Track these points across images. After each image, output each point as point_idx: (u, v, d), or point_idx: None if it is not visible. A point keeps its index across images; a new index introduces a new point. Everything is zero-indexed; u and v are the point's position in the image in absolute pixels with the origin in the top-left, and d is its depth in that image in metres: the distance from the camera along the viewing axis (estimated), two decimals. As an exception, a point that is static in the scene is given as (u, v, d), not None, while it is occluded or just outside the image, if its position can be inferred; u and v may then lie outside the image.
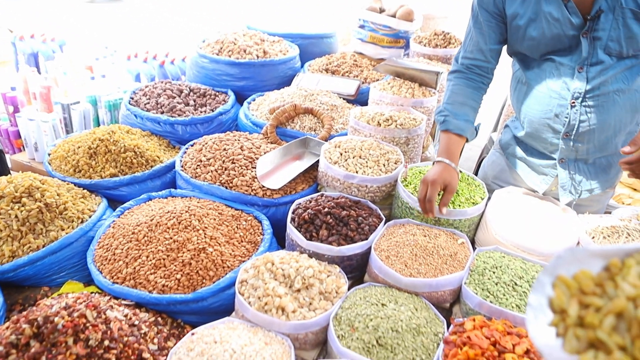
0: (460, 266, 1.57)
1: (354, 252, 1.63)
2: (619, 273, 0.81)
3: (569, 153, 1.88)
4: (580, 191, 1.94)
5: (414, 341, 1.34)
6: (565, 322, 0.77)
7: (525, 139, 2.01)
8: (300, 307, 1.47)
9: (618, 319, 0.74)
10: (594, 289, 0.80)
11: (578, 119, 1.77)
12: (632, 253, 0.85)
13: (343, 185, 1.92)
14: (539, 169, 2.00)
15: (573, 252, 0.84)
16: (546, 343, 0.76)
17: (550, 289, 0.82)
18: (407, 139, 2.17)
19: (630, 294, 0.74)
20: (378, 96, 2.50)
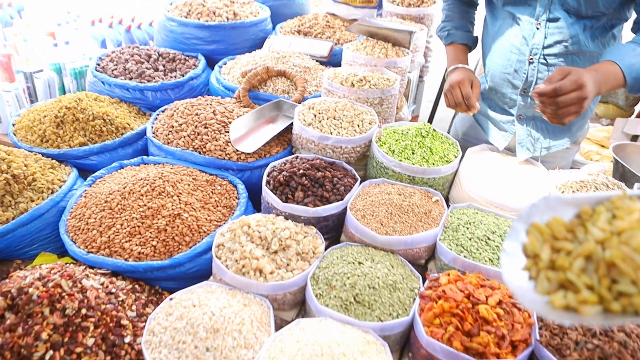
0: (435, 223, 1.59)
1: (330, 213, 1.64)
2: (590, 219, 0.84)
3: (526, 110, 1.90)
4: (538, 148, 1.97)
5: (391, 297, 1.37)
6: (538, 266, 0.80)
7: (488, 93, 2.04)
8: (277, 269, 1.48)
9: (587, 261, 0.77)
10: (566, 235, 0.83)
11: (536, 76, 1.79)
12: (602, 201, 0.88)
13: (318, 147, 1.91)
14: (500, 125, 2.02)
15: (547, 200, 0.87)
16: (519, 285, 0.80)
17: (524, 235, 0.85)
18: (381, 100, 2.15)
19: (599, 237, 0.77)
20: (351, 57, 2.47)
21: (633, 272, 0.71)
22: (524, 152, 1.98)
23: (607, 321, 0.70)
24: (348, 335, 1.25)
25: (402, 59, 2.43)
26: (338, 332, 1.26)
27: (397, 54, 2.47)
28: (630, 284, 0.71)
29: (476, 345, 1.21)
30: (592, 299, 0.72)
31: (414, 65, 2.96)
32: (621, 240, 0.75)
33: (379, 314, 1.33)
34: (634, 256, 0.72)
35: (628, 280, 0.71)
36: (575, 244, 0.80)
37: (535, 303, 0.77)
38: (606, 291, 0.73)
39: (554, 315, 0.74)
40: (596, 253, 0.76)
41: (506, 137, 2.02)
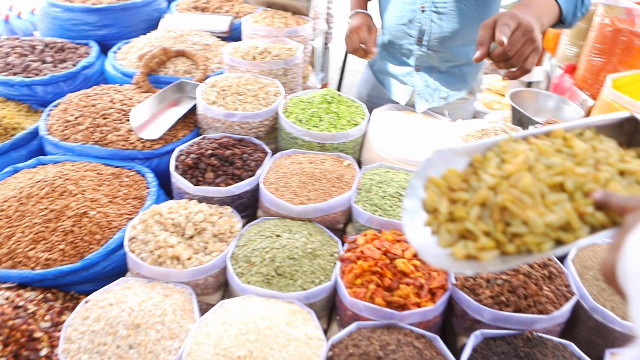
0: (348, 187, 1.61)
1: (243, 190, 1.62)
2: (481, 167, 0.87)
3: (423, 60, 1.95)
4: (436, 98, 2.03)
5: (312, 265, 1.38)
6: (438, 220, 0.82)
7: (387, 47, 2.07)
8: (195, 253, 1.45)
9: (482, 208, 0.80)
10: (461, 185, 0.85)
11: (429, 25, 1.83)
12: (491, 147, 0.91)
13: (225, 125, 1.86)
14: (400, 78, 2.07)
15: (440, 153, 0.88)
16: (422, 242, 0.81)
17: (422, 191, 0.86)
18: (285, 70, 2.13)
19: (490, 183, 0.80)
20: (251, 30, 2.41)
21: (523, 212, 0.74)
22: (423, 103, 2.03)
23: (505, 264, 0.73)
24: (273, 309, 1.25)
25: (303, 27, 2.41)
26: (262, 307, 1.26)
27: (297, 23, 2.44)
28: (522, 224, 0.74)
29: (397, 299, 1.26)
30: (490, 245, 0.75)
31: (316, 33, 2.94)
32: (510, 183, 0.78)
33: (301, 283, 1.34)
34: (522, 197, 0.75)
35: (519, 221, 0.74)
36: (471, 193, 0.83)
37: (439, 257, 0.78)
38: (501, 235, 0.75)
39: (457, 266, 0.76)
40: (489, 199, 0.79)
41: (407, 90, 2.06)
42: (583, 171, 0.78)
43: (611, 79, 2.52)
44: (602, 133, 0.92)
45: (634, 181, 0.79)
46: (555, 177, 0.78)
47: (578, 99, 2.87)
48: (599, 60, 2.77)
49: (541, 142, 0.86)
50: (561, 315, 1.25)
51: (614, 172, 0.80)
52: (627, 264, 0.55)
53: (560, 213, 0.73)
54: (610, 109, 2.42)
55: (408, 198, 0.85)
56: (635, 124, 0.90)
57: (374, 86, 2.21)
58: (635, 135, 0.90)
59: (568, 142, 0.87)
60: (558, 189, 0.78)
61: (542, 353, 1.16)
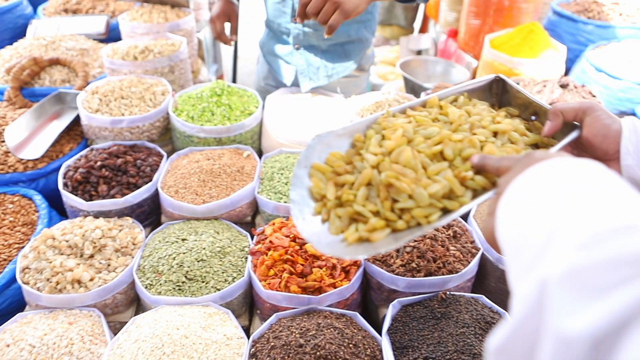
0: (250, 178, 1.58)
1: (141, 198, 1.54)
2: (363, 146, 0.85)
3: (302, 39, 1.94)
4: (320, 77, 2.03)
5: (222, 263, 1.35)
6: (327, 207, 0.79)
7: (270, 26, 2.05)
8: (98, 273, 1.36)
9: (369, 188, 0.79)
10: (346, 167, 0.83)
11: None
12: (370, 124, 0.91)
13: (113, 132, 1.76)
14: (284, 58, 2.04)
15: (320, 138, 0.85)
16: (313, 232, 0.77)
17: (307, 179, 0.83)
18: (171, 67, 2.04)
19: (373, 161, 0.79)
20: (130, 28, 2.28)
21: (407, 187, 0.74)
22: (307, 82, 2.02)
23: (397, 242, 0.71)
24: (187, 316, 1.21)
25: (185, 19, 2.32)
26: (176, 316, 1.21)
27: (178, 16, 2.34)
28: (408, 199, 0.74)
29: (312, 283, 1.26)
30: (380, 224, 0.74)
31: (201, 24, 2.85)
32: (392, 159, 0.78)
33: (214, 284, 1.30)
34: (405, 172, 0.75)
35: (405, 196, 0.75)
36: (356, 174, 0.81)
37: (332, 245, 0.75)
38: (390, 212, 0.75)
39: (351, 251, 0.74)
40: (374, 178, 0.78)
41: (291, 70, 2.04)
42: (460, 137, 0.80)
43: (489, 39, 2.66)
44: (474, 97, 0.96)
45: (507, 140, 0.83)
46: (435, 146, 0.79)
47: (463, 61, 3.02)
48: (476, 22, 2.91)
49: (418, 114, 0.88)
50: (469, 271, 1.31)
51: (488, 133, 0.83)
52: (499, 230, 0.56)
53: (442, 182, 0.74)
54: (491, 67, 2.56)
55: (294, 189, 0.82)
56: (502, 84, 0.95)
57: (268, 70, 2.17)
58: (504, 95, 0.95)
59: (444, 110, 0.89)
60: (439, 157, 0.80)
61: (456, 310, 1.21)
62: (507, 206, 0.56)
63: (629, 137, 0.75)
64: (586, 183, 0.48)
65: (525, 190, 0.54)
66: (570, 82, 2.12)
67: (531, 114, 0.90)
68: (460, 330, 1.13)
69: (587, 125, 0.78)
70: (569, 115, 0.80)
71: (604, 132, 0.76)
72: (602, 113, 0.78)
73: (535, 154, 0.61)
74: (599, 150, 0.78)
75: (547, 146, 0.84)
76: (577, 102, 0.80)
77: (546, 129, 0.81)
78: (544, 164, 0.56)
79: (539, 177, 0.54)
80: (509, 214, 0.55)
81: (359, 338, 1.15)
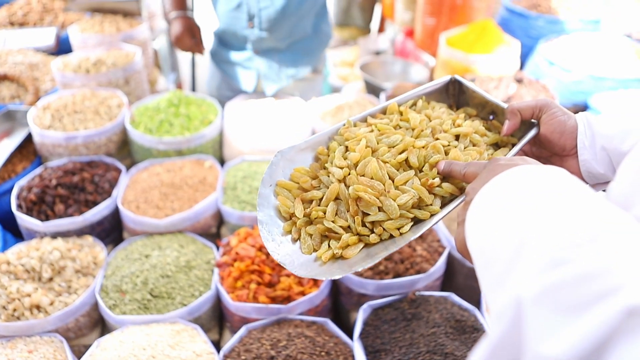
0: (213, 188, 1.55)
1: (101, 215, 1.49)
2: (327, 159, 0.83)
3: (260, 43, 1.93)
4: (283, 78, 2.01)
5: (188, 278, 1.32)
6: (297, 225, 0.77)
7: (222, 36, 2.01)
8: (58, 296, 1.31)
9: (337, 203, 0.77)
10: (312, 183, 0.81)
11: (258, 7, 1.80)
12: (332, 136, 0.89)
13: (68, 149, 1.70)
14: (243, 64, 2.02)
15: (282, 154, 0.83)
16: (285, 253, 0.74)
17: (274, 198, 0.80)
18: (126, 79, 1.99)
19: (339, 175, 0.77)
20: (81, 40, 2.21)
21: (377, 199, 0.73)
22: (271, 86, 2.01)
23: (374, 259, 0.69)
24: (154, 335, 1.18)
25: (138, 29, 2.27)
26: (142, 335, 1.18)
27: (130, 25, 2.29)
28: (378, 211, 0.74)
29: (280, 292, 1.24)
30: (352, 240, 0.73)
31: (156, 33, 2.79)
32: (358, 171, 0.77)
33: (180, 299, 1.27)
34: (373, 184, 0.75)
35: (375, 208, 0.74)
36: (323, 189, 0.80)
37: (306, 266, 0.73)
38: (361, 227, 0.74)
39: (326, 271, 0.71)
40: (342, 192, 0.76)
41: (252, 75, 2.02)
42: (423, 143, 0.80)
43: (444, 37, 2.70)
44: (432, 99, 0.96)
45: (469, 142, 0.84)
46: (399, 155, 0.79)
47: (421, 60, 3.05)
48: (431, 21, 2.95)
49: (379, 121, 0.87)
50: (437, 270, 1.32)
51: (450, 137, 0.83)
52: (469, 241, 0.56)
53: (411, 192, 0.74)
54: (448, 65, 2.60)
55: (261, 209, 0.78)
56: (459, 85, 0.95)
57: (222, 79, 2.14)
58: (461, 96, 0.95)
59: (404, 116, 0.89)
60: (404, 166, 0.79)
61: (426, 310, 1.22)
62: (475, 216, 0.56)
63: (584, 132, 0.77)
64: (550, 192, 0.49)
65: (492, 200, 0.55)
66: (525, 77, 2.17)
67: (489, 113, 0.91)
68: (431, 330, 1.13)
69: (544, 122, 0.80)
70: (526, 114, 0.81)
71: (560, 129, 0.78)
72: (558, 110, 0.79)
73: (500, 161, 0.61)
74: (556, 147, 0.80)
75: (507, 145, 0.85)
76: (533, 100, 0.81)
77: (505, 128, 0.82)
78: (508, 172, 0.57)
79: (503, 186, 0.55)
80: (477, 225, 0.55)
81: (330, 345, 1.14)
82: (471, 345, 1.10)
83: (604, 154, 0.75)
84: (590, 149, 0.76)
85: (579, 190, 0.48)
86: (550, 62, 2.42)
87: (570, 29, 2.74)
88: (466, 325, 1.16)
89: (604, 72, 2.30)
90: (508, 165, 0.59)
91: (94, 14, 2.35)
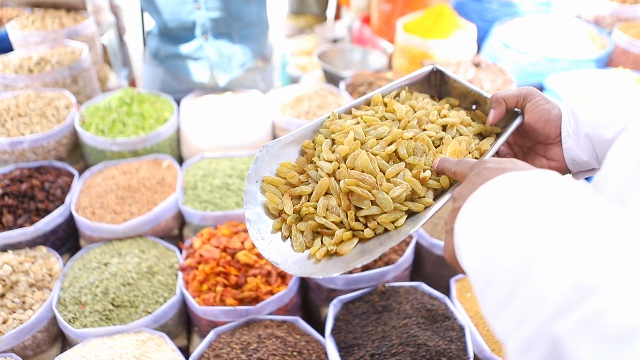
0: (172, 189, 1.50)
1: (54, 224, 1.41)
2: (314, 153, 0.80)
3: (208, 26, 1.86)
4: (234, 67, 1.96)
5: (151, 284, 1.26)
6: (287, 222, 0.74)
7: (166, 30, 1.93)
8: (11, 313, 1.24)
9: (327, 198, 0.75)
10: (300, 178, 0.78)
11: None
12: (317, 128, 0.86)
13: (14, 155, 1.60)
14: (193, 55, 1.94)
15: (267, 149, 0.80)
16: (277, 252, 0.72)
17: (261, 195, 0.77)
18: (73, 77, 1.89)
19: (329, 169, 0.75)
20: (21, 37, 2.09)
21: (369, 193, 0.71)
22: (222, 75, 1.95)
23: (372, 255, 0.68)
24: (118, 347, 1.12)
25: (84, 24, 2.16)
26: (106, 348, 1.12)
27: (75, 20, 2.17)
28: (371, 205, 0.72)
29: (248, 293, 1.21)
30: (346, 235, 0.71)
31: (103, 28, 2.67)
32: (348, 165, 0.75)
33: (144, 307, 1.22)
34: (364, 177, 0.72)
35: (368, 202, 0.72)
36: (312, 184, 0.77)
37: (300, 264, 0.70)
38: (355, 222, 0.72)
39: (322, 269, 0.69)
40: (332, 187, 0.74)
41: (204, 66, 1.95)
42: (410, 134, 0.79)
43: (401, 23, 2.69)
44: (413, 89, 0.95)
45: (456, 132, 0.83)
46: (388, 147, 0.77)
47: (379, 47, 3.04)
48: (387, 7, 2.93)
49: (365, 113, 0.85)
50: (406, 260, 1.31)
51: (437, 128, 0.82)
52: (462, 254, 0.53)
53: (404, 184, 0.73)
54: (406, 51, 2.59)
55: (248, 207, 0.75)
56: (440, 75, 0.94)
57: (164, 79, 2.03)
58: (443, 86, 0.94)
59: (389, 107, 0.87)
60: (394, 158, 0.78)
61: (397, 301, 1.21)
62: (467, 227, 0.53)
63: (568, 121, 0.77)
64: (549, 202, 0.46)
65: (484, 210, 0.51)
66: (482, 61, 2.18)
67: (471, 102, 0.90)
68: (403, 321, 1.13)
69: (528, 111, 0.80)
70: (511, 102, 0.81)
71: (545, 117, 0.78)
72: (541, 99, 0.80)
73: (488, 164, 0.59)
74: (541, 135, 0.80)
75: (492, 134, 0.84)
76: (517, 89, 0.81)
77: (490, 117, 0.82)
78: (499, 179, 0.53)
79: (495, 195, 0.52)
80: (471, 237, 0.51)
81: (302, 344, 1.12)
82: (442, 334, 1.10)
83: (587, 141, 0.75)
84: (574, 137, 0.76)
85: (580, 197, 0.45)
86: (505, 44, 2.44)
87: (524, 11, 2.78)
88: (437, 314, 1.16)
89: (558, 53, 2.34)
90: (497, 169, 0.56)
91: (34, 9, 2.23)
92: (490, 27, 2.73)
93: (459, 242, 0.54)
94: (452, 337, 1.09)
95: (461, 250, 0.53)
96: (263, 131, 1.75)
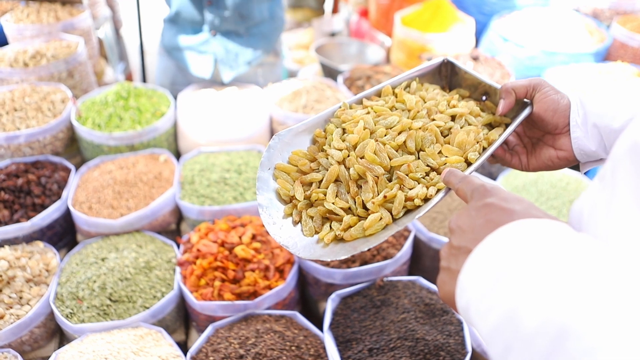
0: (170, 183, 1.49)
1: (51, 219, 1.41)
2: (325, 141, 0.83)
3: (217, 24, 1.85)
4: (240, 63, 1.96)
5: (149, 279, 1.26)
6: (297, 208, 0.77)
7: (176, 20, 1.92)
8: (9, 308, 1.23)
9: (337, 184, 0.77)
10: (311, 165, 0.80)
11: None
12: (329, 118, 0.88)
13: (10, 149, 1.59)
14: (198, 48, 1.93)
15: (279, 137, 0.82)
16: (288, 236, 0.74)
17: (273, 182, 0.80)
18: (69, 71, 1.87)
19: (339, 157, 0.77)
20: (16, 31, 2.07)
21: (375, 185, 0.73)
22: (228, 71, 1.94)
23: (378, 239, 0.69)
24: (116, 343, 1.12)
25: (79, 17, 2.14)
26: (104, 344, 1.12)
27: (71, 14, 2.16)
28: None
29: (246, 288, 1.20)
30: (353, 221, 0.73)
31: (99, 21, 2.64)
32: (357, 153, 0.77)
33: (142, 302, 1.22)
34: (372, 167, 0.74)
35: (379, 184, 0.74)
36: (322, 172, 0.79)
37: (309, 248, 0.73)
38: (362, 208, 0.73)
39: (330, 252, 0.71)
40: (342, 174, 0.76)
41: (208, 60, 1.94)
42: (419, 124, 0.80)
43: (399, 17, 2.68)
44: (424, 81, 0.96)
45: (465, 122, 0.84)
46: (398, 137, 0.79)
47: (377, 40, 3.03)
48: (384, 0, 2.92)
49: (375, 103, 0.87)
50: (404, 254, 1.31)
51: (446, 118, 0.84)
52: (471, 311, 0.48)
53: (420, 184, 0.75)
54: (404, 45, 2.58)
55: (260, 193, 0.78)
56: (451, 67, 0.96)
57: (175, 72, 2.04)
58: (454, 77, 0.96)
59: (399, 98, 0.88)
60: (403, 147, 0.79)
61: (395, 296, 1.21)
62: (479, 284, 0.47)
63: (577, 111, 0.77)
64: (572, 264, 0.42)
65: (500, 266, 0.46)
66: (481, 55, 2.18)
67: (481, 94, 0.92)
68: (401, 316, 1.13)
69: (537, 101, 0.80)
70: (520, 93, 0.82)
71: (553, 107, 0.79)
72: (550, 89, 0.80)
73: (492, 200, 0.54)
74: (549, 125, 0.80)
75: (501, 124, 0.86)
76: (526, 80, 0.82)
77: (500, 107, 0.82)
78: (509, 230, 0.48)
79: (512, 250, 0.46)
80: (484, 296, 0.46)
81: (300, 339, 1.12)
82: (441, 328, 1.10)
83: (595, 131, 0.76)
84: (583, 127, 0.77)
85: (602, 258, 0.41)
86: (504, 38, 2.44)
87: (522, 5, 2.77)
88: (435, 309, 1.16)
89: (556, 46, 2.33)
90: (505, 211, 0.51)
91: (29, 2, 2.21)
92: (488, 21, 2.72)
93: (469, 297, 0.48)
94: (450, 332, 1.09)
95: (471, 306, 0.48)
96: (261, 125, 1.74)
